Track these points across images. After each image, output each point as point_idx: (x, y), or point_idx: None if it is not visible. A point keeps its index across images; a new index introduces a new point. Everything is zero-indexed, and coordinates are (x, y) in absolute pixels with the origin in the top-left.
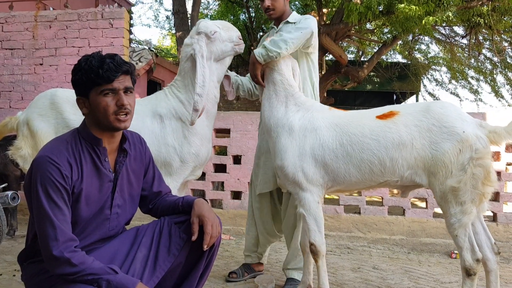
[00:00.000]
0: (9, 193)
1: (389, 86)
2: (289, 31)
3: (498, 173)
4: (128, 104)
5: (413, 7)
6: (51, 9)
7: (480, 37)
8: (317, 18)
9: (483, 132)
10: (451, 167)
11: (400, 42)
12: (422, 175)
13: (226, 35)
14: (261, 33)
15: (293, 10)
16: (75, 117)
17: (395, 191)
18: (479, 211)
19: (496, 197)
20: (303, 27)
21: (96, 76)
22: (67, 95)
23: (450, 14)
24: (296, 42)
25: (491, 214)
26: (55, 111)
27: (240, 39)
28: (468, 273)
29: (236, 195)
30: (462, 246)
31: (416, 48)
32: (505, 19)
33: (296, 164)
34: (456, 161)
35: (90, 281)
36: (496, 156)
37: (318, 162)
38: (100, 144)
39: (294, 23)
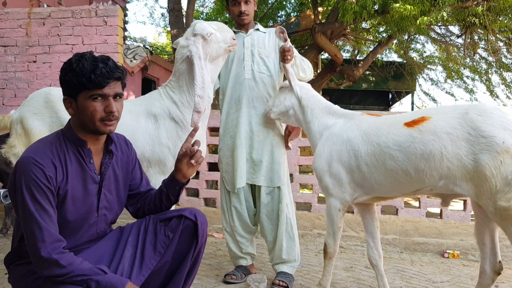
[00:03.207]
0: (1, 191)
1: (385, 85)
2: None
3: None
4: (116, 111)
5: (408, 6)
6: (44, 6)
7: (476, 37)
8: (313, 16)
9: None
10: (495, 181)
11: (396, 41)
12: (463, 185)
13: (221, 37)
14: None
15: (289, 9)
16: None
17: None
18: (495, 228)
19: None
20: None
21: (87, 81)
22: (62, 95)
23: (445, 14)
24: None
25: None
26: (49, 110)
27: (234, 39)
28: None
29: None
30: None
31: (411, 47)
32: (500, 19)
33: (324, 168)
34: (499, 174)
35: (79, 282)
36: None
37: (345, 168)
38: (84, 145)
39: (265, 32)
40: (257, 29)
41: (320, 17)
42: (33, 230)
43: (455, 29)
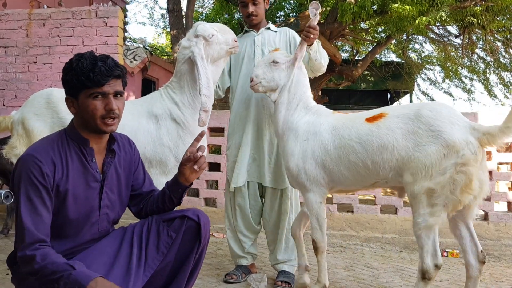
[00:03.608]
0: (2, 192)
1: (383, 85)
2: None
3: (490, 173)
4: (117, 108)
5: (407, 7)
6: (45, 7)
7: (474, 37)
8: None
9: (476, 136)
10: (432, 171)
11: (394, 41)
12: (404, 175)
13: (223, 38)
14: None
15: (288, 9)
16: (72, 117)
17: (389, 190)
18: (468, 217)
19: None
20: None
21: (86, 79)
22: (63, 95)
23: (443, 14)
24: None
25: (483, 213)
26: (51, 111)
27: (236, 41)
28: (423, 276)
29: None
30: (423, 246)
31: (410, 47)
32: (498, 19)
33: (299, 166)
34: (438, 165)
35: (52, 281)
36: (488, 155)
37: (317, 163)
38: (87, 144)
39: (276, 31)
40: (268, 28)
41: (319, 17)
42: (17, 229)
43: (453, 29)
